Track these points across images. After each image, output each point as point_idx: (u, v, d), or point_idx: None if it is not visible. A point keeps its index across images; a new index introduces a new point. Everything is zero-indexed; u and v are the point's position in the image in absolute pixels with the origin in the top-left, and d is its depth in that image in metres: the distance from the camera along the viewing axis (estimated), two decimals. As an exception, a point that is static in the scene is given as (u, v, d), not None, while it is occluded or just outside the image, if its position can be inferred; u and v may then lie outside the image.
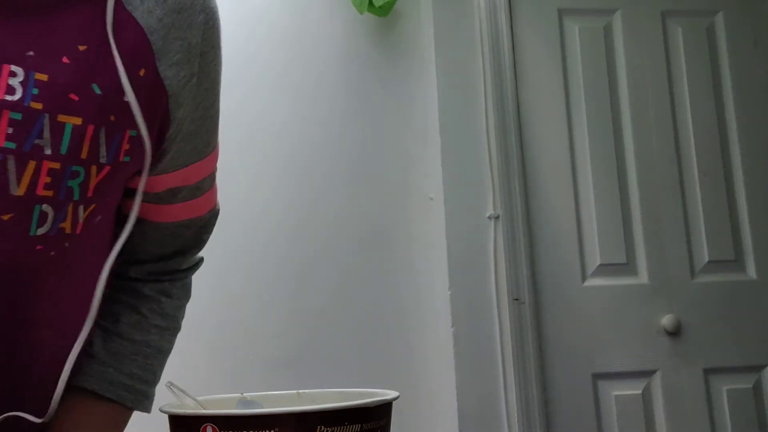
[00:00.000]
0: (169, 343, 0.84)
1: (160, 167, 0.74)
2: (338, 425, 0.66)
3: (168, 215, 0.79)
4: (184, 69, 0.70)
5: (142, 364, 0.80)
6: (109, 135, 0.65)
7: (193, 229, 0.83)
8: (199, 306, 2.07)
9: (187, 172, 0.77)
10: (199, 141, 0.76)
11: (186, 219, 0.81)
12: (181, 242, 0.83)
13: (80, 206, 0.66)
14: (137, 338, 0.80)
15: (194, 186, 0.79)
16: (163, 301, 0.83)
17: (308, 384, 1.05)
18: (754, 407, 2.21)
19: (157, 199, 0.77)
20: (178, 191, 0.78)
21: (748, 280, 2.28)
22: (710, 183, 2.30)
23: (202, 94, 0.74)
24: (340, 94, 2.25)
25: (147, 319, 0.81)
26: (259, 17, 2.24)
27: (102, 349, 0.78)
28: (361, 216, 2.19)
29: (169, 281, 0.84)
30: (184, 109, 0.72)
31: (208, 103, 0.75)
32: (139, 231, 0.78)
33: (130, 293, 0.81)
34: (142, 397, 0.80)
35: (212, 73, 0.74)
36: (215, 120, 0.79)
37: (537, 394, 2.09)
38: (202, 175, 0.80)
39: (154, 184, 0.75)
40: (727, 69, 2.37)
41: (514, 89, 2.24)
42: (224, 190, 2.19)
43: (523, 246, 2.15)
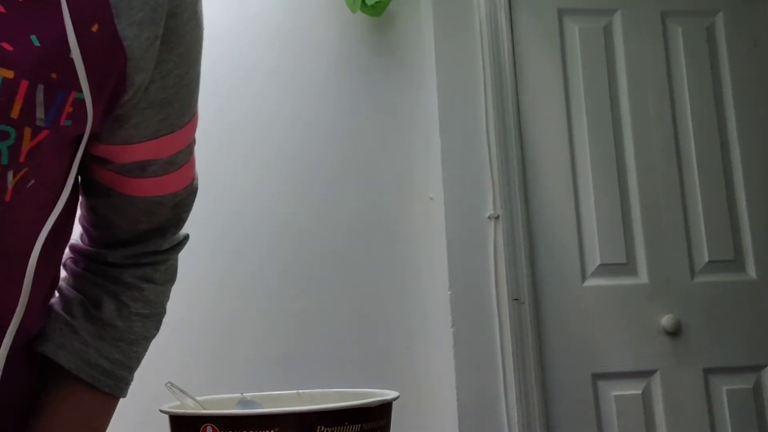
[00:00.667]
0: (155, 329, 0.80)
1: (122, 136, 0.68)
2: (338, 425, 0.66)
3: (139, 189, 0.73)
4: (147, 30, 0.63)
5: (125, 349, 0.76)
6: (49, 94, 0.57)
7: (168, 207, 0.77)
8: (199, 306, 2.08)
9: (157, 144, 0.70)
10: (172, 111, 0.70)
11: (159, 195, 0.75)
12: (157, 220, 0.77)
13: (9, 171, 0.58)
14: (120, 325, 0.75)
15: (167, 160, 0.73)
16: (145, 288, 0.77)
17: (308, 384, 1.05)
18: (753, 407, 2.21)
19: (124, 171, 0.71)
20: (148, 164, 0.71)
21: (747, 280, 2.28)
22: (710, 183, 2.30)
23: (174, 60, 0.67)
24: (339, 94, 2.25)
25: (129, 307, 0.76)
26: (257, 19, 2.24)
27: (85, 328, 0.74)
28: (361, 216, 2.19)
29: (150, 265, 0.78)
30: (145, 74, 0.64)
31: (182, 70, 0.68)
32: (109, 204, 0.74)
33: (111, 280, 0.76)
34: (122, 383, 0.77)
35: (186, 38, 0.67)
36: (192, 89, 0.72)
37: (537, 394, 2.09)
38: (176, 148, 0.73)
39: (119, 154, 0.69)
40: (726, 69, 2.37)
41: (514, 89, 2.24)
42: (224, 190, 2.20)
43: (523, 246, 2.15)
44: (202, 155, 2.33)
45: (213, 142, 2.16)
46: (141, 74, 0.64)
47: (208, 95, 2.20)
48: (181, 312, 2.05)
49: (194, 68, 0.71)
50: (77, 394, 0.74)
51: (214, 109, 2.18)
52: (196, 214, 2.41)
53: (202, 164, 2.40)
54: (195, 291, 2.08)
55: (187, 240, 0.85)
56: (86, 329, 0.74)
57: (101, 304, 0.75)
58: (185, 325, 2.05)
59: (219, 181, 2.15)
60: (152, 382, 1.09)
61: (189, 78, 0.71)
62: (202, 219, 2.11)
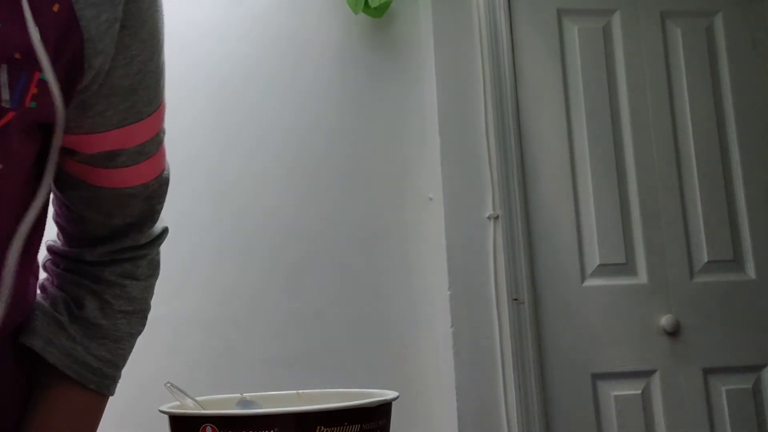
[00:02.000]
0: (140, 326, 0.80)
1: (88, 125, 0.67)
2: (338, 425, 0.66)
3: (109, 180, 0.72)
4: (106, 11, 0.62)
5: (111, 347, 0.76)
6: (13, 75, 0.57)
7: (140, 198, 0.75)
8: (199, 306, 2.08)
9: (125, 132, 0.69)
10: (138, 99, 0.69)
11: (130, 186, 0.73)
12: (130, 213, 0.76)
13: None
14: (104, 323, 0.75)
15: (136, 149, 0.72)
16: (127, 285, 0.77)
17: (308, 384, 1.05)
18: (753, 407, 2.21)
19: (92, 162, 0.71)
20: (117, 154, 0.71)
21: (747, 280, 2.28)
22: (709, 183, 2.30)
23: (138, 45, 0.66)
24: (338, 94, 2.25)
25: (112, 305, 0.76)
26: (258, 20, 2.24)
27: (72, 326, 0.74)
28: (361, 216, 2.19)
29: (129, 261, 0.78)
30: (104, 58, 0.63)
31: (145, 56, 0.68)
32: (80, 197, 0.74)
33: (92, 279, 0.76)
34: (108, 381, 0.76)
35: (148, 23, 0.67)
36: (157, 76, 0.71)
37: (536, 394, 2.09)
38: (144, 137, 0.72)
39: (86, 143, 0.69)
40: (725, 69, 2.38)
41: (514, 89, 2.24)
42: (224, 191, 2.20)
43: (522, 246, 2.15)
44: (204, 156, 2.35)
45: (215, 142, 2.16)
46: (100, 57, 0.63)
47: (210, 95, 2.22)
48: (181, 313, 2.05)
49: (158, 54, 0.70)
50: (67, 393, 0.74)
51: (215, 110, 2.18)
52: (196, 215, 2.42)
53: (203, 165, 2.41)
54: (194, 292, 2.08)
55: (167, 233, 0.83)
56: (73, 327, 0.74)
57: (84, 303, 0.75)
58: (184, 325, 2.05)
59: (219, 181, 2.15)
60: (152, 383, 1.09)
61: (153, 64, 0.70)
62: (202, 219, 2.12)
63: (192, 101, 2.16)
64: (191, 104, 2.16)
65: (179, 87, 2.16)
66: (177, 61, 2.17)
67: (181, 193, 2.11)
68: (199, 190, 2.13)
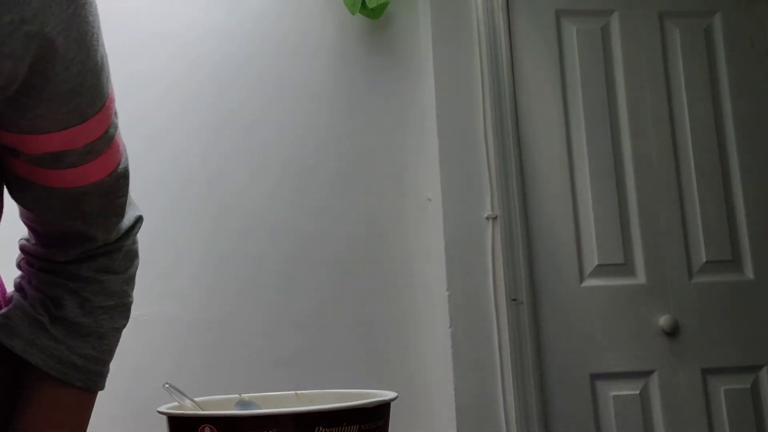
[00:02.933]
0: (123, 319, 0.78)
1: (27, 125, 0.66)
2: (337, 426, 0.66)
3: (60, 180, 0.70)
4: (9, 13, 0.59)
5: (96, 344, 0.75)
6: None
7: (96, 196, 0.73)
8: (197, 307, 2.08)
9: (69, 134, 0.67)
10: (81, 101, 0.67)
11: (81, 185, 0.71)
12: (90, 210, 0.73)
13: None
14: (86, 321, 0.74)
15: (83, 149, 0.69)
16: (104, 280, 0.75)
17: (306, 385, 1.05)
18: (751, 407, 2.21)
19: (39, 163, 0.69)
20: (63, 155, 0.69)
21: (745, 280, 2.28)
22: (708, 183, 2.30)
23: (72, 47, 0.64)
24: (337, 95, 2.25)
25: (92, 302, 0.74)
26: (255, 20, 2.24)
27: (53, 326, 0.73)
28: (359, 217, 2.19)
29: (104, 255, 0.76)
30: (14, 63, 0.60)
31: (82, 56, 0.65)
32: (34, 197, 0.73)
33: (68, 277, 0.75)
34: (96, 377, 0.75)
35: (75, 20, 0.64)
36: (97, 73, 0.68)
37: (535, 394, 2.09)
38: (91, 136, 0.69)
39: (28, 144, 0.67)
40: (724, 70, 2.38)
41: (512, 90, 2.24)
42: (221, 191, 2.20)
43: (520, 246, 2.15)
44: (202, 157, 2.35)
45: (212, 143, 2.16)
46: (7, 61, 0.60)
47: (207, 95, 2.22)
48: (180, 314, 2.05)
49: (94, 51, 0.67)
50: (53, 392, 0.73)
51: (213, 110, 2.18)
52: (195, 215, 2.42)
53: (202, 165, 2.40)
54: (193, 293, 2.08)
55: (140, 222, 0.81)
56: (54, 327, 0.73)
57: (63, 303, 0.74)
58: (183, 326, 2.05)
59: (217, 182, 2.14)
60: (150, 384, 1.09)
61: (92, 63, 0.67)
62: (199, 219, 2.12)
63: (190, 102, 2.16)
64: (189, 105, 2.16)
65: (177, 88, 2.16)
66: (175, 62, 2.17)
67: (181, 194, 2.11)
68: (198, 191, 2.13)
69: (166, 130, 2.13)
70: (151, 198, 1.94)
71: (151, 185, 2.03)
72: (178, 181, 2.11)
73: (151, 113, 2.11)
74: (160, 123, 2.12)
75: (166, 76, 2.15)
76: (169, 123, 2.14)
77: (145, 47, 2.15)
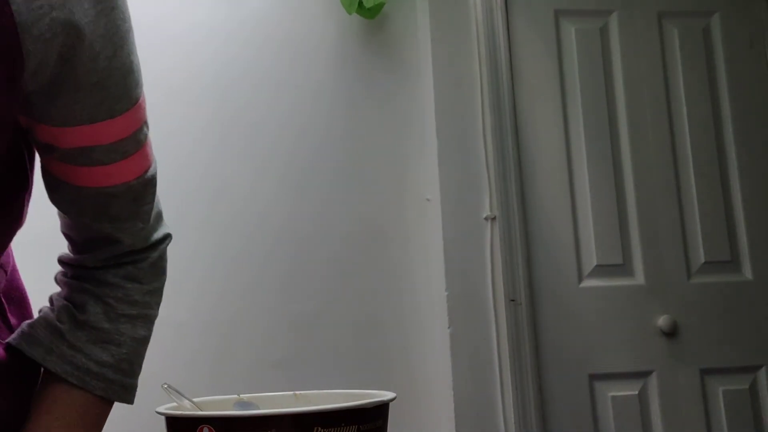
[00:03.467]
0: (144, 330, 0.80)
1: (57, 116, 0.69)
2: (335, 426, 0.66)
3: (88, 179, 0.74)
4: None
5: (114, 352, 0.76)
6: None
7: (123, 199, 0.76)
8: (196, 308, 2.07)
9: (95, 129, 0.71)
10: (107, 95, 0.70)
11: (110, 186, 0.74)
12: (117, 214, 0.76)
13: None
14: (107, 327, 0.76)
15: (110, 147, 0.72)
16: (129, 288, 0.78)
17: (305, 385, 1.05)
18: (750, 408, 2.21)
19: (69, 158, 0.73)
20: (90, 151, 0.72)
21: (744, 280, 2.28)
22: (706, 183, 2.31)
23: (99, 41, 0.67)
24: (335, 95, 2.25)
25: (114, 308, 0.77)
26: (252, 20, 2.24)
27: (73, 333, 0.75)
28: (358, 217, 2.19)
29: (131, 264, 0.79)
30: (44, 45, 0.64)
31: (109, 52, 0.69)
32: (64, 199, 0.76)
33: (96, 283, 0.78)
34: (116, 386, 0.76)
35: (102, 19, 0.67)
36: (123, 73, 0.71)
37: (533, 395, 2.09)
38: (119, 135, 0.72)
39: (60, 137, 0.71)
40: (723, 70, 2.38)
41: (511, 90, 2.24)
42: (220, 192, 2.19)
43: (519, 247, 2.15)
44: (203, 157, 2.34)
45: (212, 144, 2.16)
46: (38, 43, 0.63)
47: (205, 95, 2.21)
48: (178, 314, 2.05)
49: (122, 51, 0.70)
50: (67, 396, 0.75)
51: (211, 111, 2.18)
52: (194, 216, 2.41)
53: (202, 166, 2.40)
54: (192, 293, 2.08)
55: (169, 239, 0.84)
56: (74, 335, 0.75)
57: (87, 308, 0.76)
58: (181, 327, 2.05)
59: (215, 182, 2.14)
60: (149, 384, 1.09)
61: (119, 61, 0.70)
62: (199, 221, 2.12)
63: (191, 103, 2.16)
64: (193, 109, 2.16)
65: (182, 92, 2.16)
66: (178, 66, 2.17)
67: (180, 195, 2.10)
68: (197, 192, 2.12)
69: (162, 133, 2.13)
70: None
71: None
72: (178, 183, 2.11)
73: (156, 118, 2.10)
74: (164, 127, 2.12)
75: (166, 81, 2.15)
76: (166, 126, 2.14)
77: (146, 52, 2.14)
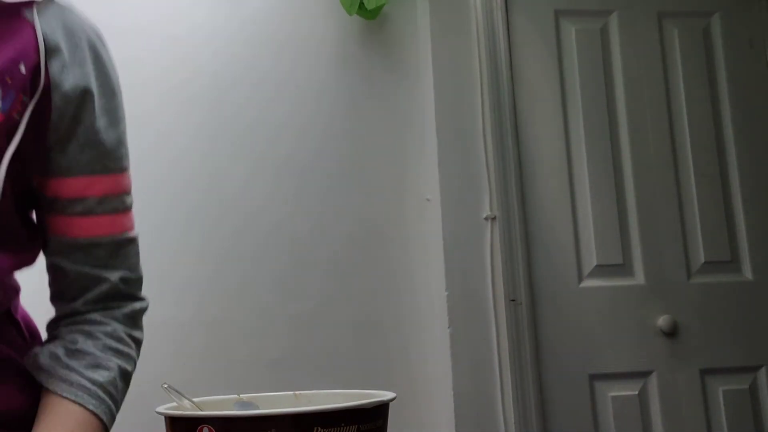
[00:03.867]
0: (130, 367, 0.86)
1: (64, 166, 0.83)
2: (335, 426, 0.66)
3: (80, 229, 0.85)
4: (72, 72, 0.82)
5: (105, 375, 0.82)
6: (5, 92, 0.77)
7: (110, 248, 0.86)
8: (195, 308, 2.07)
9: (92, 180, 0.84)
10: (103, 154, 0.85)
11: (98, 235, 0.85)
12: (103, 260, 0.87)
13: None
14: (98, 354, 0.83)
15: (101, 199, 0.85)
16: (115, 325, 0.86)
17: (305, 385, 1.05)
18: (750, 408, 2.21)
19: (68, 209, 0.84)
20: (86, 200, 0.84)
21: (744, 280, 2.28)
22: (706, 184, 2.31)
23: (102, 109, 0.84)
24: (335, 95, 2.24)
25: (102, 341, 0.84)
26: (252, 21, 2.24)
27: (68, 358, 0.82)
28: (358, 217, 2.19)
29: (116, 308, 0.88)
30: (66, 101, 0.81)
31: (112, 118, 0.86)
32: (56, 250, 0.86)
33: (83, 321, 0.86)
34: (104, 407, 0.81)
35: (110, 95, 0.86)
36: (119, 143, 0.87)
37: (533, 395, 2.09)
38: (110, 190, 0.86)
39: (63, 186, 0.84)
40: (723, 70, 2.38)
41: (511, 90, 2.24)
42: (220, 191, 2.20)
43: (519, 247, 2.15)
44: (203, 159, 2.35)
45: (212, 145, 2.16)
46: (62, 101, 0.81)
47: (204, 95, 2.21)
48: (178, 315, 2.05)
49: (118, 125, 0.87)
50: (63, 409, 0.80)
51: (210, 110, 2.18)
52: (193, 216, 2.41)
53: (202, 167, 2.40)
54: (190, 294, 2.08)
55: (145, 305, 0.91)
56: (70, 360, 0.82)
57: (77, 340, 0.84)
58: (181, 327, 2.05)
59: (216, 183, 2.14)
60: (149, 384, 1.09)
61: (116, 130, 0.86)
62: (199, 221, 2.12)
63: (191, 104, 2.16)
64: (190, 107, 2.16)
65: (179, 90, 2.16)
66: (177, 65, 2.17)
67: (180, 197, 2.10)
68: (197, 193, 2.12)
69: (166, 133, 2.13)
70: (151, 199, 1.94)
71: (150, 187, 2.03)
72: (178, 183, 2.11)
73: (153, 115, 2.11)
74: (161, 125, 2.12)
75: (168, 79, 2.15)
76: (170, 125, 2.14)
77: (148, 52, 2.15)
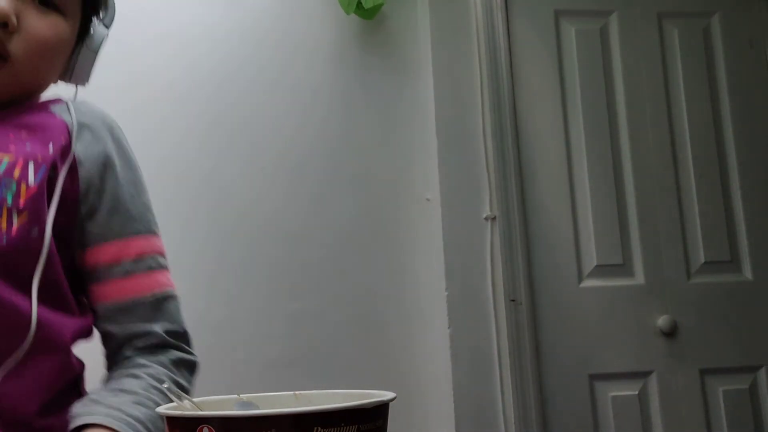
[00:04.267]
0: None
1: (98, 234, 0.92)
2: (335, 426, 0.66)
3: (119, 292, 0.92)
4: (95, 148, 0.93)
5: (144, 413, 0.85)
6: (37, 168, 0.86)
7: (146, 307, 0.93)
8: (195, 308, 2.07)
9: (125, 243, 0.93)
10: (131, 216, 0.94)
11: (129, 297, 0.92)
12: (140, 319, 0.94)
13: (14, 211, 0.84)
14: (140, 392, 0.87)
15: (136, 259, 0.93)
16: (157, 368, 0.92)
17: (305, 385, 1.05)
18: (750, 408, 2.21)
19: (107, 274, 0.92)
20: (122, 263, 0.92)
21: (743, 280, 2.29)
22: (706, 184, 2.31)
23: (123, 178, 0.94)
24: (335, 95, 2.25)
25: (145, 380, 0.89)
26: (251, 20, 2.24)
27: (112, 398, 0.85)
28: (358, 217, 2.19)
29: (162, 353, 0.95)
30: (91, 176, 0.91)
31: (136, 189, 0.96)
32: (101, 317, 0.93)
33: (129, 365, 0.91)
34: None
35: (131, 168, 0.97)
36: (145, 209, 0.97)
37: (533, 395, 2.09)
38: (142, 250, 0.94)
39: (99, 254, 0.92)
40: (723, 70, 2.38)
41: (511, 90, 2.25)
42: (219, 191, 2.19)
43: (519, 247, 2.15)
44: (202, 158, 2.34)
45: (211, 145, 2.16)
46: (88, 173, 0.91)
47: (204, 95, 2.21)
48: (178, 313, 2.05)
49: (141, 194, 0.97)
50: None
51: (209, 109, 2.18)
52: (193, 217, 2.41)
53: (201, 167, 2.40)
54: (193, 294, 2.08)
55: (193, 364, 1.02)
56: (114, 399, 0.86)
57: (121, 381, 0.89)
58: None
59: (216, 184, 2.14)
60: (149, 384, 1.09)
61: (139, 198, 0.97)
62: (199, 222, 2.12)
63: (187, 101, 2.16)
64: (185, 104, 2.16)
65: (175, 87, 2.16)
66: (173, 61, 2.17)
67: (181, 196, 2.11)
68: (197, 193, 2.13)
69: (161, 130, 2.13)
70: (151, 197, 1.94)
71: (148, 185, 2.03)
72: (178, 184, 2.11)
73: (148, 111, 2.11)
74: (156, 122, 2.12)
75: (163, 76, 2.15)
76: (165, 122, 2.14)
77: (143, 47, 2.15)
